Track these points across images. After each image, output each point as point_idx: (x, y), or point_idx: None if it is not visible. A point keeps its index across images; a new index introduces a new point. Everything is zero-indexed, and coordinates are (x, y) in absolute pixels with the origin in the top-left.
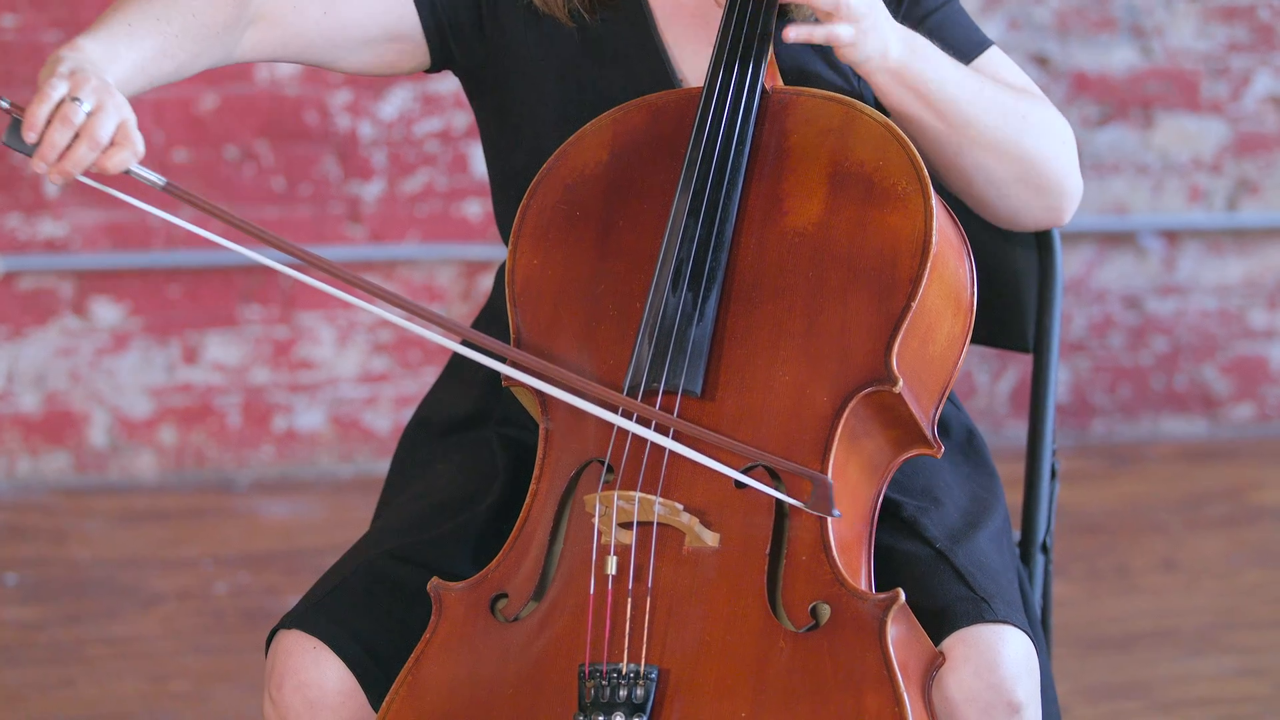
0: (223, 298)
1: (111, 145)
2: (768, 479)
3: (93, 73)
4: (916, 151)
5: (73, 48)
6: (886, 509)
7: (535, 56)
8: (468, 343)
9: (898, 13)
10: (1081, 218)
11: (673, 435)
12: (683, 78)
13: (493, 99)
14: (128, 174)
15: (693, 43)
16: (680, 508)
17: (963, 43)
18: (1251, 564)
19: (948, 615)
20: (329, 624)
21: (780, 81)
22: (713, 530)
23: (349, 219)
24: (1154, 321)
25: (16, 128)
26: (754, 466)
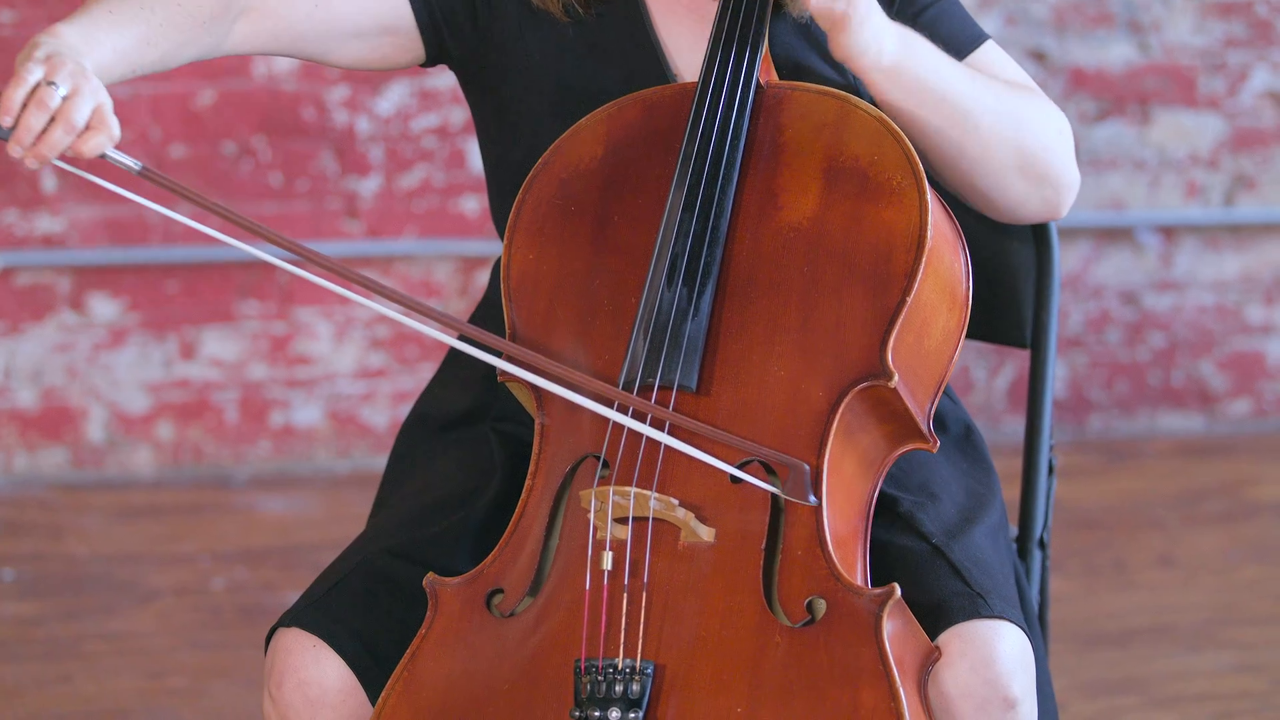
0: (220, 293)
1: (87, 129)
2: (762, 473)
3: (70, 58)
4: (911, 146)
5: (51, 33)
6: (883, 504)
7: (530, 51)
8: (464, 337)
9: (891, 9)
10: (1078, 213)
11: (668, 430)
12: (677, 73)
13: (488, 94)
14: (104, 158)
15: (687, 38)
16: (676, 503)
17: (958, 37)
18: (1249, 559)
19: (944, 610)
20: (329, 622)
21: (775, 76)
22: (708, 525)
23: (346, 214)
24: (1151, 317)
25: None
26: (749, 461)
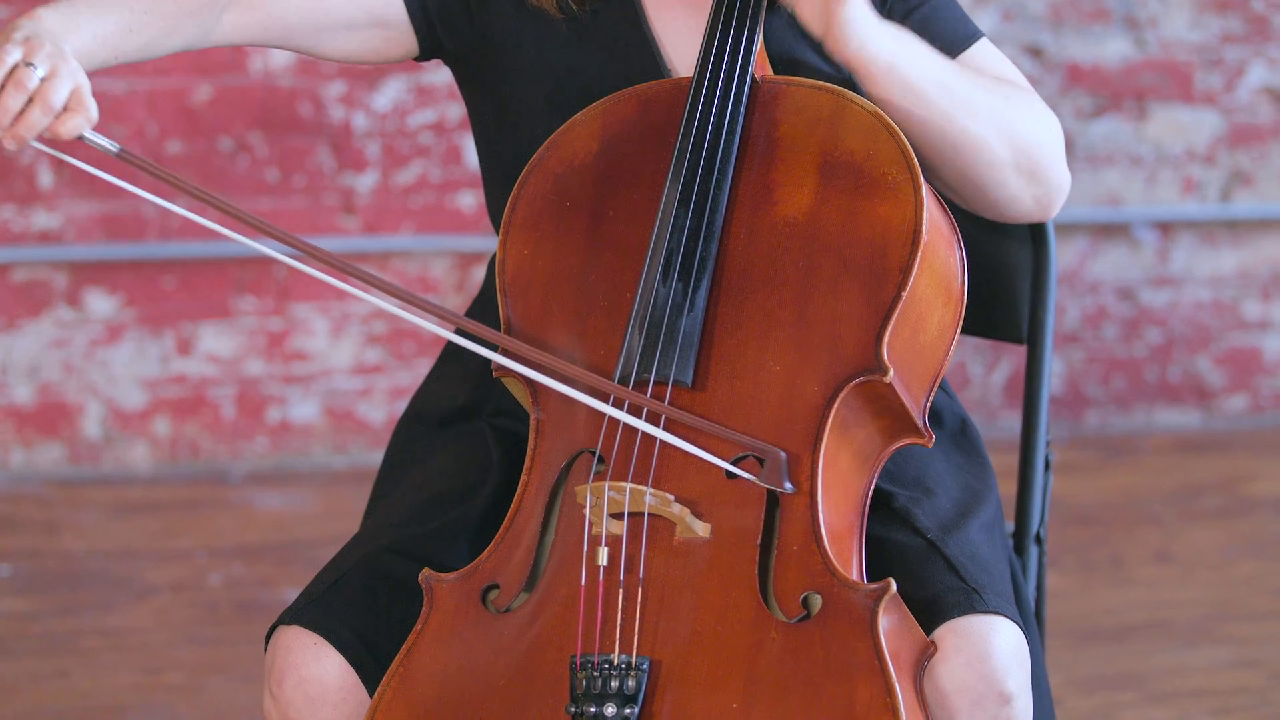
0: (217, 289)
1: (65, 111)
2: (756, 468)
3: (48, 40)
4: (907, 141)
5: (31, 17)
6: (878, 499)
7: (525, 47)
8: (460, 330)
9: (884, 7)
10: (1075, 209)
11: (664, 424)
12: (672, 68)
13: (483, 89)
14: (81, 139)
15: (682, 33)
16: (671, 498)
17: (951, 35)
18: (1245, 555)
19: (939, 605)
20: (329, 619)
21: (770, 71)
22: (704, 521)
23: (343, 210)
24: (1148, 313)
25: None
26: (744, 457)
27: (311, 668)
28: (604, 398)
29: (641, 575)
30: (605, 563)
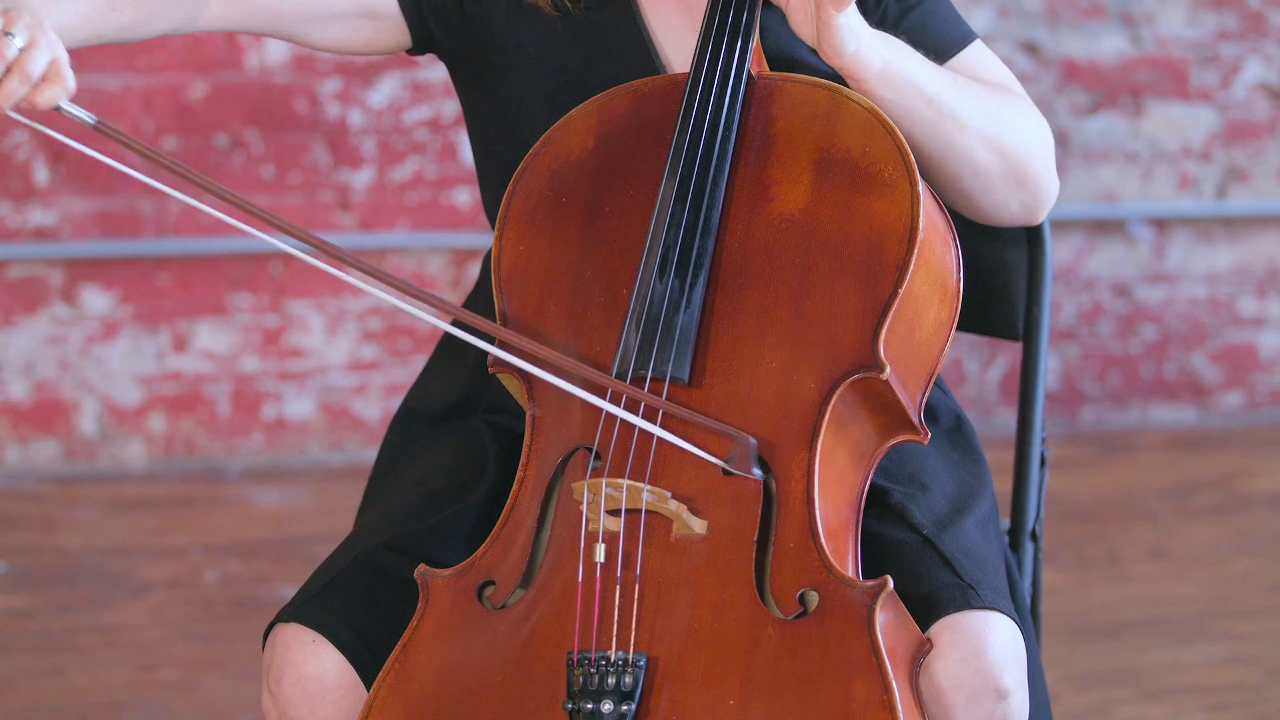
0: (212, 286)
1: (43, 81)
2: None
3: (27, 11)
4: (903, 138)
5: None
6: (874, 495)
7: (521, 43)
8: (457, 322)
9: (879, 7)
10: (1071, 206)
11: (661, 419)
12: (668, 64)
13: (477, 85)
14: (58, 110)
15: (678, 29)
16: (668, 495)
17: (945, 38)
18: (1241, 552)
19: (935, 602)
20: (327, 616)
21: (766, 68)
22: (700, 517)
23: (339, 207)
24: (1143, 309)
25: None
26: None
27: (310, 665)
28: (600, 393)
29: (638, 572)
30: (602, 559)
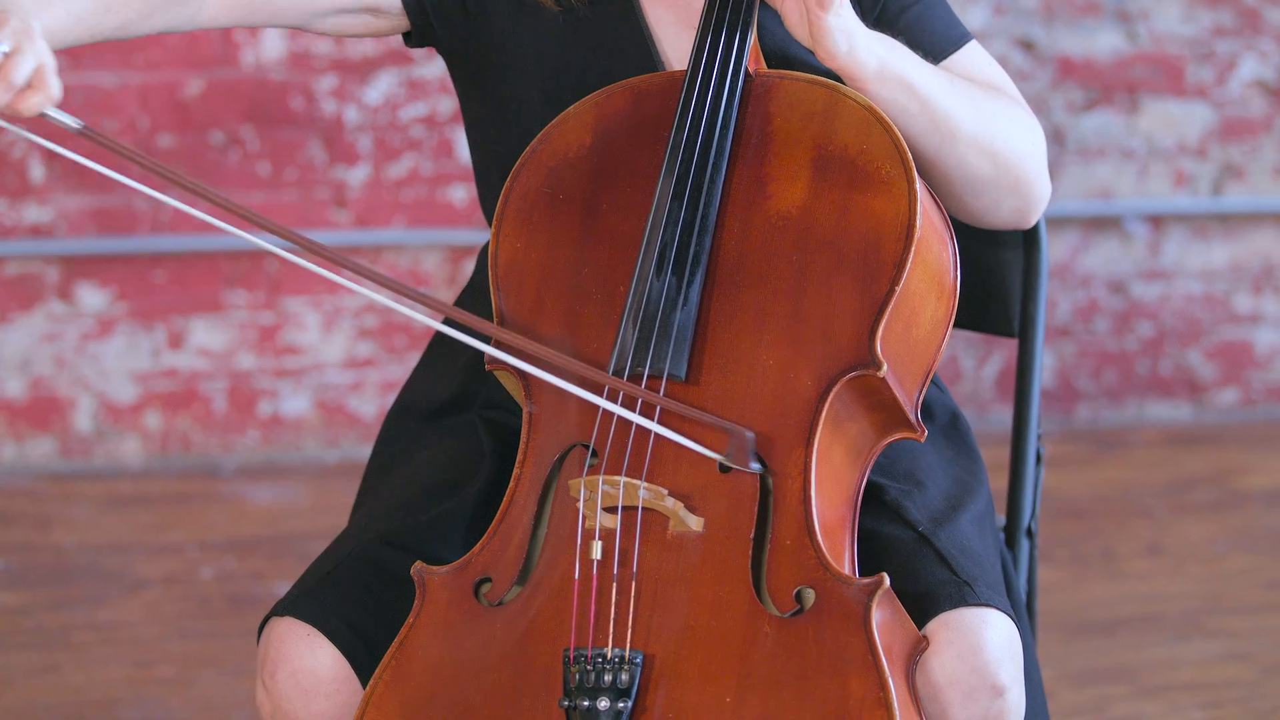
0: (208, 283)
1: (27, 89)
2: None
3: (16, 15)
4: (900, 135)
5: None
6: (869, 492)
7: (520, 40)
8: (451, 321)
9: (876, 7)
10: (1066, 202)
11: (658, 415)
12: (666, 61)
13: (477, 84)
14: (44, 117)
15: (676, 26)
16: (664, 492)
17: (941, 37)
18: (1237, 548)
19: (930, 599)
20: (322, 611)
21: (764, 65)
22: (697, 515)
23: (334, 204)
24: (1139, 306)
25: None
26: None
27: (305, 659)
28: (597, 390)
29: (634, 569)
30: (598, 556)
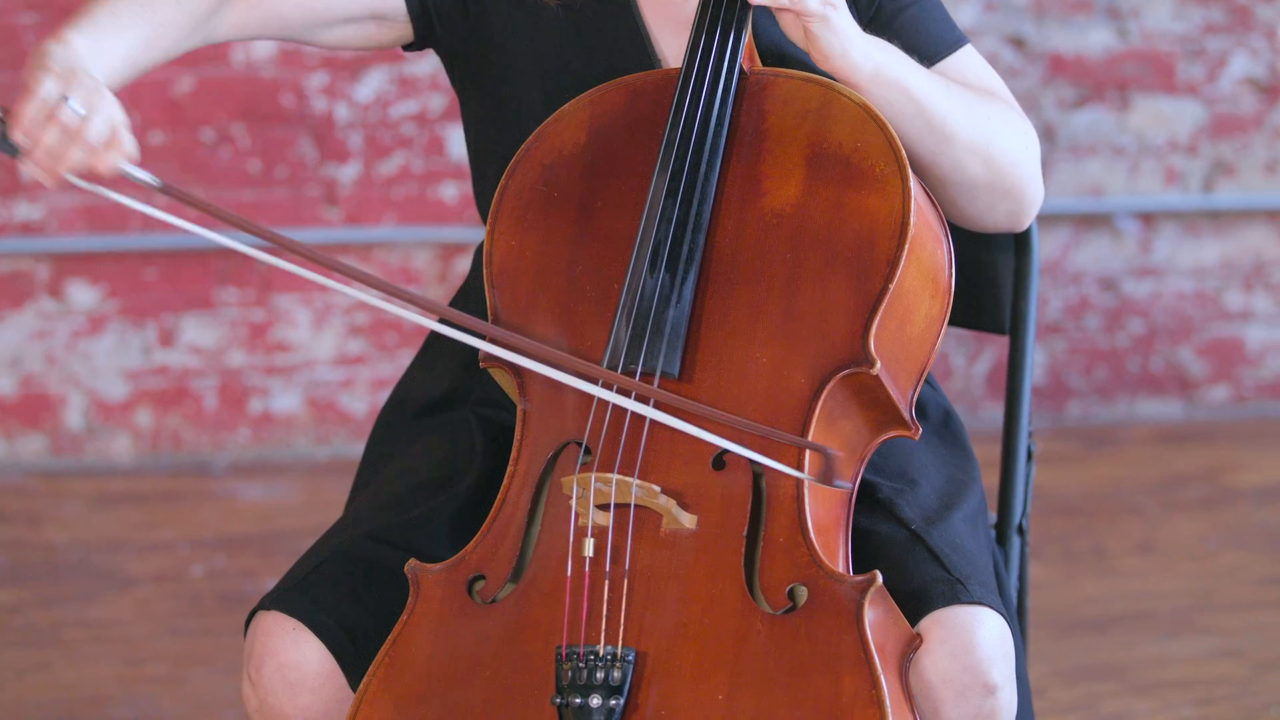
0: (199, 280)
1: (104, 147)
2: (743, 459)
3: (82, 70)
4: (895, 134)
5: (61, 42)
6: (862, 490)
7: (518, 38)
8: (446, 321)
9: (871, 8)
10: (1057, 200)
11: (654, 407)
12: (662, 58)
13: (478, 84)
14: (122, 175)
15: (672, 23)
16: (658, 489)
17: (936, 40)
18: (1228, 546)
19: (923, 597)
20: (308, 605)
21: (759, 63)
22: (690, 512)
23: (325, 201)
24: (1130, 303)
25: (3, 129)
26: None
27: (290, 653)
28: (592, 383)
29: (627, 566)
30: (591, 554)
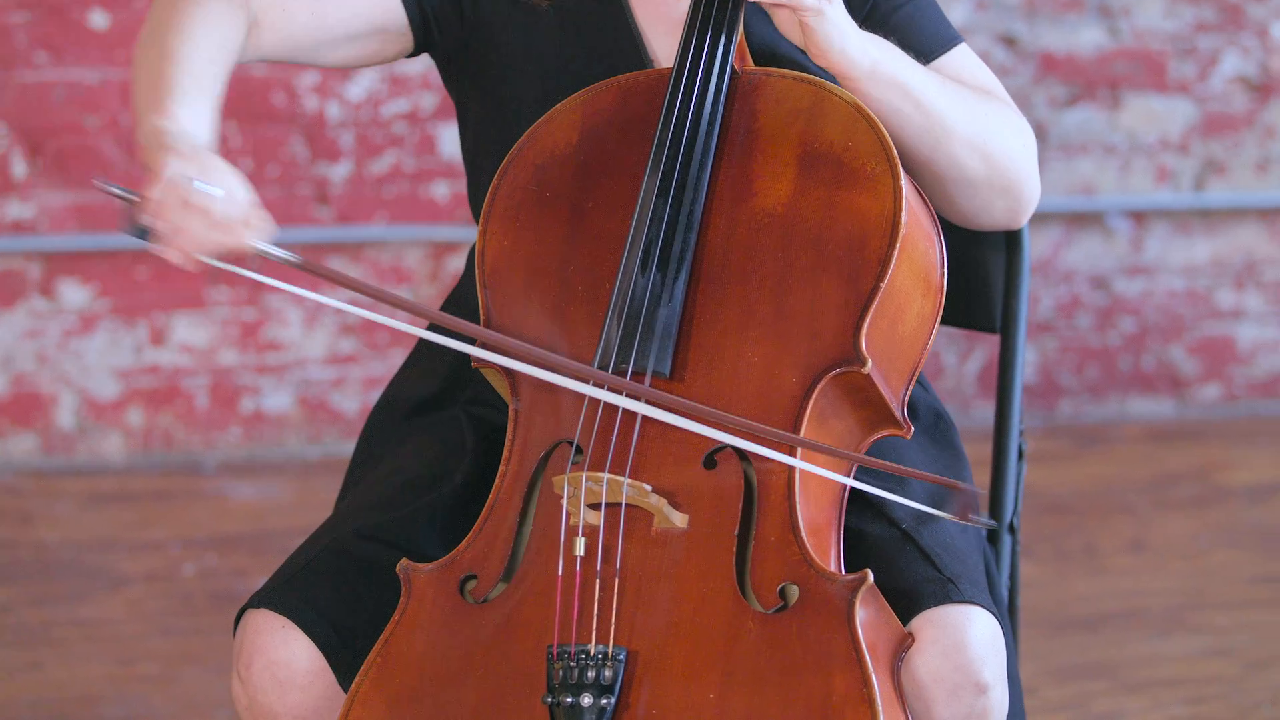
0: (190, 279)
1: (239, 227)
2: (734, 458)
3: (203, 148)
4: (886, 133)
5: (168, 117)
6: (853, 490)
7: (513, 39)
8: (436, 327)
9: (865, 6)
10: (1049, 198)
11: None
12: (654, 58)
13: (477, 83)
14: (261, 254)
15: (664, 23)
16: (649, 489)
17: (931, 38)
18: (1219, 544)
19: (915, 596)
20: (298, 603)
21: (750, 62)
22: (681, 511)
23: (316, 200)
24: (1121, 302)
25: (138, 215)
26: (721, 449)
27: (280, 651)
28: (583, 382)
29: (619, 566)
30: (583, 553)
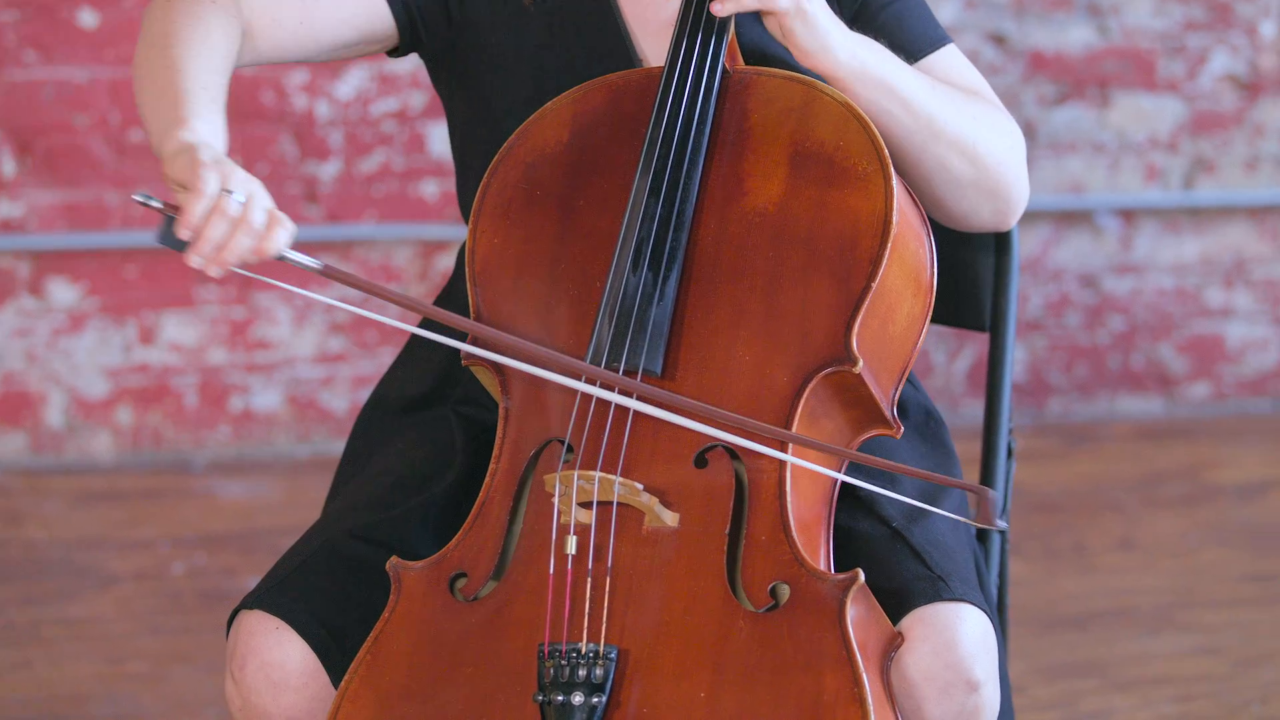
0: (179, 278)
1: (268, 233)
2: (725, 457)
3: (228, 160)
4: (878, 132)
5: (192, 132)
6: (844, 488)
7: (501, 40)
8: (428, 322)
9: (854, 5)
10: (1038, 197)
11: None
12: (643, 59)
13: (464, 83)
14: (282, 259)
15: (652, 24)
16: (640, 487)
17: (919, 38)
18: (1208, 543)
19: (905, 594)
20: (291, 604)
21: (741, 61)
22: (672, 510)
23: (305, 199)
24: (1110, 300)
25: (170, 225)
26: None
27: (273, 652)
28: (575, 378)
29: (610, 564)
30: (574, 551)
